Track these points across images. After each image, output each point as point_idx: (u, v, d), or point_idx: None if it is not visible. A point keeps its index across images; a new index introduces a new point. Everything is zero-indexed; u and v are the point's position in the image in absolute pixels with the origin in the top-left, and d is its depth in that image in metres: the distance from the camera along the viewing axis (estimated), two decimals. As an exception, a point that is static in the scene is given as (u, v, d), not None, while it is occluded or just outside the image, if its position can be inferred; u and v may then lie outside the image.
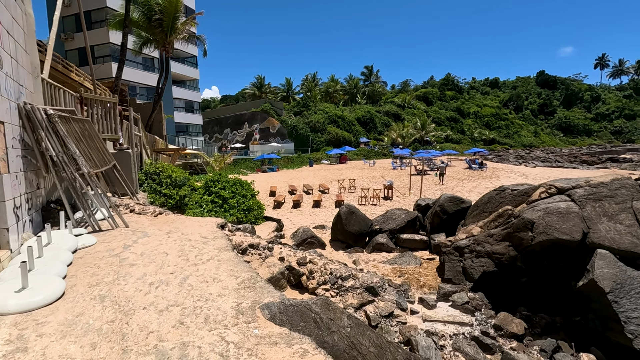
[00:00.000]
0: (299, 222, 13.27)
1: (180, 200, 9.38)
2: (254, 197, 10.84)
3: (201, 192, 9.98)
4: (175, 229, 6.09)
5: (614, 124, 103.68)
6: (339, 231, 9.26)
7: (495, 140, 79.69)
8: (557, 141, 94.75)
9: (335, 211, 15.88)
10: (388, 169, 36.36)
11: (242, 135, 67.78)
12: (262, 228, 9.80)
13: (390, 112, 75.14)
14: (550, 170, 44.24)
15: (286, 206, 17.26)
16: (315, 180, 28.97)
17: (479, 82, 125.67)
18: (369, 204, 17.33)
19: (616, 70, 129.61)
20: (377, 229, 9.36)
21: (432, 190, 22.85)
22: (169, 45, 19.97)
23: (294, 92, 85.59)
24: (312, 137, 61.64)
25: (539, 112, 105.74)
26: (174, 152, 18.53)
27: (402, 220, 9.24)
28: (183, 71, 41.58)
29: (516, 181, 28.66)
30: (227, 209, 9.52)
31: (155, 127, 23.92)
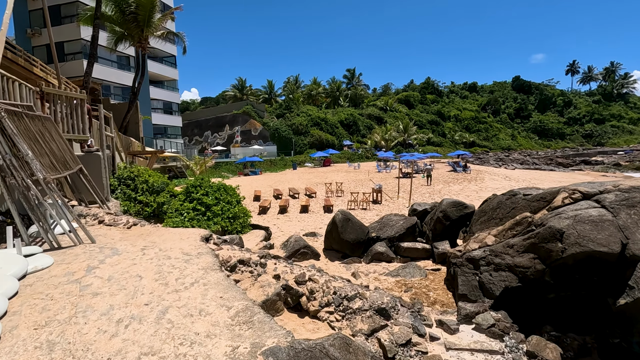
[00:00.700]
0: (288, 229, 12.50)
1: (158, 208, 8.45)
2: (240, 203, 10.00)
3: (182, 199, 9.07)
4: (152, 243, 5.22)
5: (585, 128, 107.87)
6: (333, 240, 8.57)
7: (475, 143, 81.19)
8: (533, 144, 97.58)
9: (324, 216, 15.20)
10: (373, 172, 36.01)
11: (223, 137, 66.23)
12: (249, 237, 8.99)
13: (373, 115, 75.32)
14: (530, 172, 45.16)
15: (272, 211, 16.42)
16: (300, 183, 28.20)
17: (458, 86, 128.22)
18: (358, 208, 16.73)
19: (585, 77, 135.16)
20: (374, 236, 8.72)
21: (420, 194, 22.54)
22: (144, 41, 18.79)
23: (276, 94, 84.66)
24: (295, 139, 60.86)
25: (515, 116, 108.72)
26: (151, 155, 17.38)
27: (400, 227, 8.63)
28: (161, 71, 40.02)
29: (500, 183, 28.81)
30: (210, 217, 8.65)
31: (131, 128, 22.58)
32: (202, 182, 9.53)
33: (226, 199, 9.30)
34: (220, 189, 9.51)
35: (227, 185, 9.94)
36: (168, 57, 41.59)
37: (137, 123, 23.60)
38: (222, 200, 9.19)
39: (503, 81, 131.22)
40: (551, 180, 32.81)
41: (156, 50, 39.02)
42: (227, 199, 9.32)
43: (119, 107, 22.31)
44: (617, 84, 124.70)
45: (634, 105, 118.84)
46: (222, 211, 8.95)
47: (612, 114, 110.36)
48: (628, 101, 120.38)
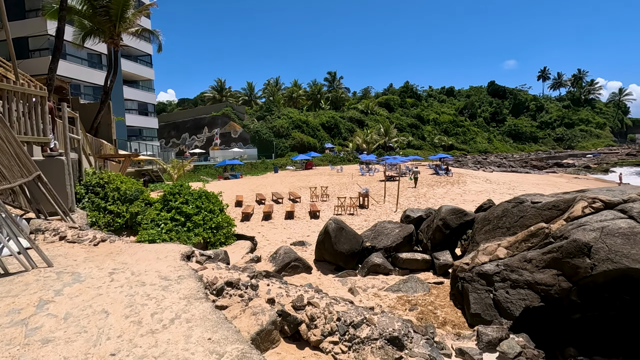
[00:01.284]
0: (274, 238, 11.79)
1: (132, 218, 7.58)
2: (223, 211, 9.23)
3: (158, 208, 8.22)
4: (122, 265, 4.44)
5: (556, 132, 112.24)
6: (326, 251, 7.96)
7: (453, 146, 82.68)
8: (508, 147, 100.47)
9: (310, 223, 14.57)
10: (357, 175, 35.67)
11: (201, 140, 64.47)
12: (233, 249, 8.24)
13: (354, 118, 75.40)
14: (508, 175, 46.14)
15: (256, 218, 15.63)
16: (283, 187, 27.44)
17: (436, 90, 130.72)
18: (345, 214, 16.19)
19: (556, 83, 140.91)
20: (369, 246, 8.17)
21: (406, 197, 22.27)
22: (117, 37, 17.63)
23: (256, 96, 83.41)
24: (276, 142, 59.96)
25: (491, 120, 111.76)
26: (124, 159, 16.25)
27: (397, 236, 8.12)
28: (136, 70, 38.33)
29: (482, 186, 29.07)
30: (191, 228, 7.86)
31: (102, 130, 21.24)
32: (181, 189, 8.71)
33: (208, 207, 8.51)
34: (201, 196, 8.71)
35: (209, 192, 9.14)
36: (143, 56, 39.94)
37: (110, 124, 22.25)
38: (203, 208, 8.40)
39: (479, 86, 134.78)
40: (529, 183, 33.47)
41: (130, 48, 37.37)
42: (209, 207, 8.54)
43: (90, 107, 20.95)
44: (584, 90, 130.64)
45: (600, 111, 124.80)
46: (204, 221, 8.17)
47: (581, 119, 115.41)
48: (594, 106, 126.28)
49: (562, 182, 36.79)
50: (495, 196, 22.94)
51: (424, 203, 20.23)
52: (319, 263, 8.38)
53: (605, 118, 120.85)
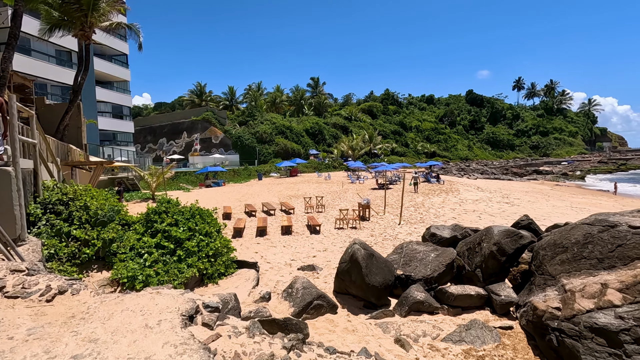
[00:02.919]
0: (275, 260, 10.14)
1: (105, 247, 5.82)
2: (220, 232, 7.55)
3: (140, 231, 6.48)
4: (90, 344, 2.76)
5: (532, 140, 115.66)
6: (353, 283, 6.43)
7: (436, 153, 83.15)
8: (487, 154, 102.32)
9: (312, 239, 13.00)
10: (347, 183, 34.34)
11: (180, 145, 61.65)
12: (236, 282, 6.59)
13: (337, 124, 74.47)
14: (494, 182, 46.11)
15: (248, 233, 13.90)
16: (271, 197, 25.71)
17: (416, 98, 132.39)
18: (347, 227, 14.72)
19: (529, 92, 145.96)
20: (401, 275, 6.72)
21: (405, 207, 21.04)
22: (89, 29, 15.59)
23: (238, 101, 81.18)
24: (259, 148, 58.04)
25: (470, 128, 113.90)
26: (96, 166, 14.19)
27: (435, 262, 6.71)
28: (110, 70, 35.72)
29: (476, 194, 28.38)
30: (182, 258, 6.16)
31: (71, 133, 18.96)
32: (169, 207, 6.98)
33: (203, 230, 6.83)
34: (194, 215, 7.02)
35: (203, 210, 7.44)
36: (118, 56, 37.37)
37: (80, 127, 19.96)
38: (197, 231, 6.72)
39: (458, 94, 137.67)
40: (518, 190, 33.19)
41: (105, 47, 34.84)
42: (205, 229, 6.86)
43: (56, 108, 18.65)
44: (556, 100, 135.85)
45: (571, 120, 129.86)
46: (199, 247, 6.48)
47: (555, 127, 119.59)
48: (566, 116, 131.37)
49: (547, 190, 36.85)
50: (493, 205, 22.12)
51: (424, 213, 19.08)
52: (341, 297, 6.84)
53: (577, 127, 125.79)
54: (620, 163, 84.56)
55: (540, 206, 22.52)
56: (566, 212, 19.45)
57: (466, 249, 7.30)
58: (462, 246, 7.49)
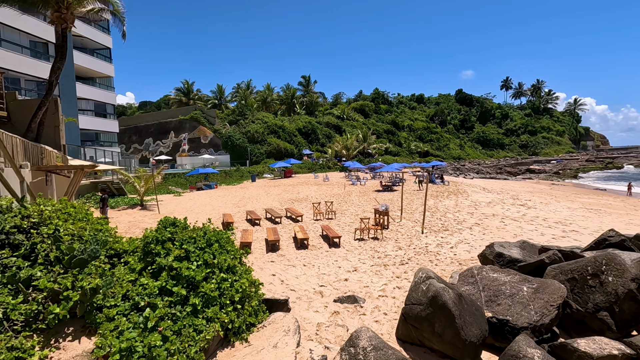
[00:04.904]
0: (299, 286, 8.29)
1: (85, 300, 3.88)
2: (242, 260, 5.67)
3: (135, 267, 4.58)
4: None
5: (521, 139, 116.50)
6: (437, 336, 4.61)
7: (429, 152, 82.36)
8: (478, 154, 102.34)
9: (334, 255, 11.18)
10: (348, 185, 32.58)
11: (167, 146, 58.92)
12: (270, 335, 4.74)
13: (330, 124, 72.78)
14: (493, 182, 45.18)
15: (257, 247, 11.98)
16: (271, 201, 23.78)
17: (406, 97, 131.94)
18: (368, 238, 12.96)
19: (517, 92, 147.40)
20: (492, 319, 4.99)
21: (419, 212, 19.44)
22: (66, 11, 13.39)
23: (227, 100, 78.60)
24: (250, 148, 55.83)
25: (460, 127, 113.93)
26: (76, 171, 12.04)
27: (539, 302, 4.95)
28: (92, 65, 33.05)
29: (486, 196, 27.04)
30: (199, 308, 4.29)
31: (47, 133, 16.68)
32: (175, 231, 5.07)
33: (224, 263, 4.95)
34: (211, 243, 5.12)
35: (221, 233, 5.53)
36: (101, 49, 34.72)
37: (57, 126, 17.62)
38: (217, 265, 4.85)
39: (447, 94, 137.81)
40: (520, 191, 32.07)
41: (85, 39, 32.22)
42: (227, 263, 4.98)
43: (29, 104, 16.33)
44: (542, 100, 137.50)
45: (558, 119, 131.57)
46: (221, 290, 4.62)
47: (542, 127, 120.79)
48: (552, 115, 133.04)
49: (547, 189, 36.05)
50: (509, 208, 20.72)
51: (443, 218, 17.50)
52: (412, 350, 5.07)
53: (563, 126, 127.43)
54: (607, 162, 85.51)
55: (555, 208, 21.22)
56: (587, 215, 18.16)
57: (567, 279, 5.62)
58: (559, 275, 5.82)
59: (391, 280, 8.54)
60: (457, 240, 12.86)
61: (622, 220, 16.95)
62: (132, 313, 4.02)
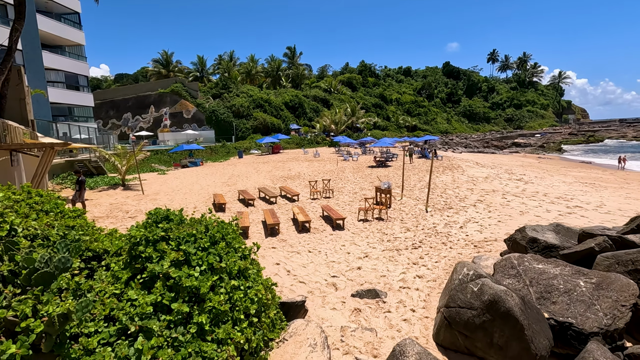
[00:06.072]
0: (308, 277, 7.44)
1: (53, 332, 2.89)
2: (251, 259, 4.72)
3: (122, 277, 3.56)
4: None
5: (507, 112, 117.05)
6: (496, 348, 3.86)
7: (417, 127, 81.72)
8: (464, 127, 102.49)
9: (337, 237, 10.36)
10: (340, 161, 31.58)
11: (147, 121, 56.12)
12: (293, 352, 3.88)
13: (318, 97, 70.73)
14: (484, 156, 45.06)
15: (255, 231, 11.02)
16: (262, 178, 22.67)
17: (393, 70, 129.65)
18: (372, 218, 12.17)
19: (503, 65, 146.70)
20: (551, 321, 4.27)
21: (418, 188, 18.78)
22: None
23: (209, 72, 74.97)
24: (236, 123, 53.77)
25: (447, 101, 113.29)
26: (46, 150, 10.60)
27: (605, 301, 4.23)
28: (60, 31, 30.11)
29: (481, 171, 26.59)
30: (206, 328, 3.35)
31: (12, 107, 14.92)
32: (170, 227, 4.03)
33: (234, 267, 3.99)
34: (216, 240, 4.12)
35: (225, 226, 4.52)
36: (69, 14, 31.64)
37: (23, 99, 15.80)
38: (225, 270, 3.88)
39: (434, 66, 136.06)
40: (511, 164, 31.87)
41: (51, 2, 29.16)
42: (237, 265, 4.01)
43: (-13, 74, 14.37)
44: (528, 73, 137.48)
45: (542, 93, 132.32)
46: (232, 302, 3.68)
47: (528, 100, 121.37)
48: (537, 88, 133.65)
49: (536, 163, 36.14)
50: (507, 183, 20.28)
51: (444, 195, 16.88)
52: (460, 358, 4.32)
53: (548, 100, 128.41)
54: (589, 135, 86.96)
55: (551, 182, 20.94)
56: (585, 190, 17.86)
57: (627, 271, 4.92)
58: (615, 266, 5.12)
59: (408, 267, 7.78)
60: (465, 219, 12.23)
61: (620, 194, 16.69)
62: (120, 342, 3.03)
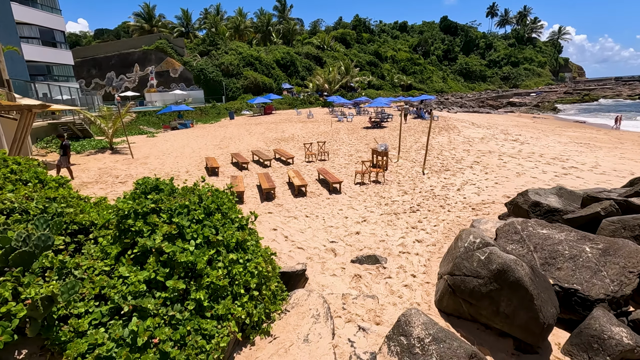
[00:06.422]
0: (306, 242, 7.32)
1: (38, 316, 2.67)
2: (250, 229, 4.49)
3: (111, 252, 3.31)
4: None
5: (503, 70, 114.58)
6: (503, 317, 3.78)
7: (412, 85, 79.85)
8: (460, 86, 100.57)
9: (334, 201, 10.21)
10: (334, 122, 30.88)
11: (132, 80, 53.73)
12: (296, 323, 3.76)
13: (310, 55, 67.88)
14: (479, 116, 44.55)
15: (250, 196, 10.79)
16: (254, 141, 22.14)
17: (388, 25, 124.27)
18: (369, 182, 11.98)
19: (502, 20, 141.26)
20: (556, 288, 4.21)
21: (415, 150, 18.55)
22: None
23: (194, 27, 70.83)
24: (225, 82, 51.76)
25: (443, 58, 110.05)
26: (23, 113, 9.92)
27: (612, 267, 4.13)
28: (28, -19, 27.65)
29: (476, 131, 26.33)
30: (204, 305, 3.17)
31: (-18, 65, 13.83)
32: (160, 197, 3.73)
33: (231, 239, 3.75)
34: (210, 211, 3.84)
35: (220, 195, 4.23)
36: (37, -39, 28.91)
37: (-6, 57, 14.69)
38: (222, 243, 3.64)
39: (431, 21, 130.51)
40: (506, 125, 31.58)
41: (15, -53, 26.39)
42: (235, 237, 3.77)
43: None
44: (527, 28, 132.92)
45: (540, 49, 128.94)
46: (232, 277, 3.49)
47: (525, 57, 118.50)
48: (535, 45, 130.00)
49: (531, 123, 35.91)
50: (503, 144, 20.12)
51: (440, 157, 16.72)
52: (462, 324, 4.29)
53: (545, 57, 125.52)
54: (584, 94, 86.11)
55: (546, 143, 20.85)
56: (580, 150, 17.81)
57: (633, 236, 4.84)
58: (621, 231, 5.03)
59: (407, 232, 7.70)
60: (462, 182, 12.13)
61: (614, 154, 16.68)
62: (113, 322, 2.83)
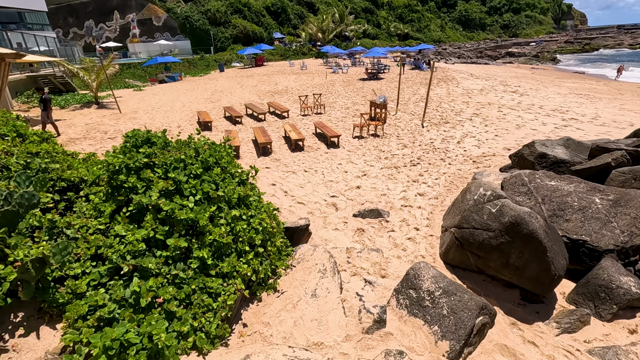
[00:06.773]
0: (307, 197, 7.16)
1: (30, 278, 2.49)
2: (255, 186, 4.27)
3: (105, 210, 3.09)
4: None
5: (504, 18, 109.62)
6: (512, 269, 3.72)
7: (409, 35, 76.40)
8: (458, 36, 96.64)
9: (332, 155, 9.97)
10: (329, 74, 29.63)
11: (113, 29, 50.40)
12: (303, 278, 3.68)
13: (302, 0, 63.69)
14: (478, 67, 43.21)
15: (246, 150, 10.47)
16: (247, 94, 21.29)
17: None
18: (368, 135, 11.67)
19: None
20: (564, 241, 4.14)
21: (413, 102, 18.05)
22: None
23: (176, -31, 65.19)
24: (213, 32, 48.87)
25: (442, 4, 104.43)
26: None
27: (623, 218, 4.03)
28: None
29: (475, 83, 25.59)
30: (208, 262, 3.03)
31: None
32: (153, 151, 3.43)
33: (233, 194, 3.53)
34: (210, 167, 3.57)
35: (218, 148, 3.92)
36: None
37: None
38: (223, 198, 3.43)
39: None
40: (505, 76, 30.74)
41: None
42: (237, 192, 3.55)
43: None
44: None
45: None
46: (235, 234, 3.32)
47: (527, 3, 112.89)
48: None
49: (529, 74, 35.01)
50: (503, 95, 19.65)
51: (439, 109, 16.34)
52: (469, 276, 4.27)
53: (548, 3, 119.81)
54: (585, 43, 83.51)
55: (545, 94, 20.44)
56: (580, 102, 17.49)
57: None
58: (631, 182, 4.91)
59: (409, 185, 7.57)
60: (462, 134, 11.89)
61: (614, 106, 16.41)
62: (113, 282, 2.68)
